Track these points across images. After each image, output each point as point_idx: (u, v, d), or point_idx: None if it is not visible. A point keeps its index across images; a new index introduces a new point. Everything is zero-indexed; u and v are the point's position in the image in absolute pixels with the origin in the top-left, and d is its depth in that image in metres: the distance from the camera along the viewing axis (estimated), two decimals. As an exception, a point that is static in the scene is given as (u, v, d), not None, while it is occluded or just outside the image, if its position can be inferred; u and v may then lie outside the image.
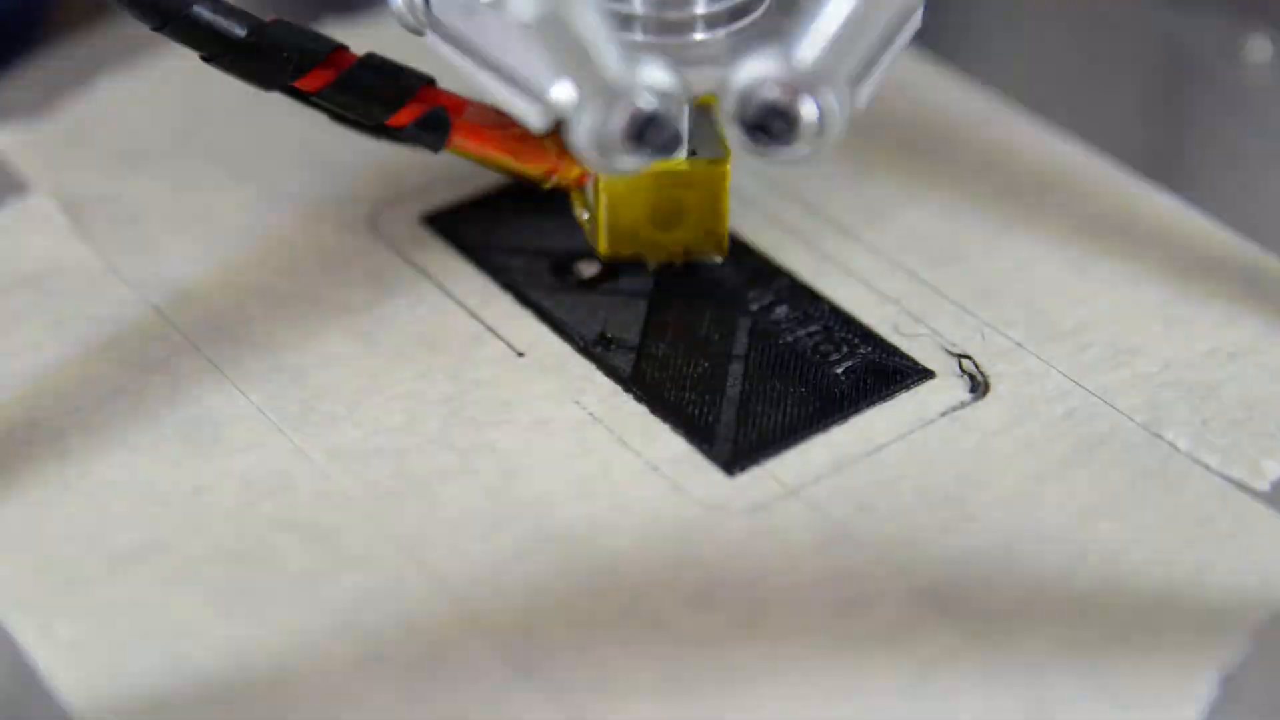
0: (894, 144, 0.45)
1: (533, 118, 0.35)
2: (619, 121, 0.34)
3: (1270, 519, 0.35)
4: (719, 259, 0.40)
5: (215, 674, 0.33)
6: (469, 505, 0.36)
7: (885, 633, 0.34)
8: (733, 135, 0.34)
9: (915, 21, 0.37)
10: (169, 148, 0.45)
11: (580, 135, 0.34)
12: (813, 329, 0.39)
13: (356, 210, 0.43)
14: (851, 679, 0.33)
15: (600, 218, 0.40)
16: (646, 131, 0.34)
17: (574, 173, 0.40)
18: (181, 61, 0.47)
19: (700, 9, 0.37)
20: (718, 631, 0.34)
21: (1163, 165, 0.45)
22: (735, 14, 0.37)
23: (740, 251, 0.41)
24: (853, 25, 0.34)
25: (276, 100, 0.39)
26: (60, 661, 0.33)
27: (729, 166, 0.39)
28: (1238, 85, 0.48)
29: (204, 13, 0.37)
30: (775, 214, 0.42)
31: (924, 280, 0.41)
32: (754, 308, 0.40)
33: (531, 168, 0.40)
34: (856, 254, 0.41)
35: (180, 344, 0.39)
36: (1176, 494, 0.36)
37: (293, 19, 0.38)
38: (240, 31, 0.37)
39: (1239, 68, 0.48)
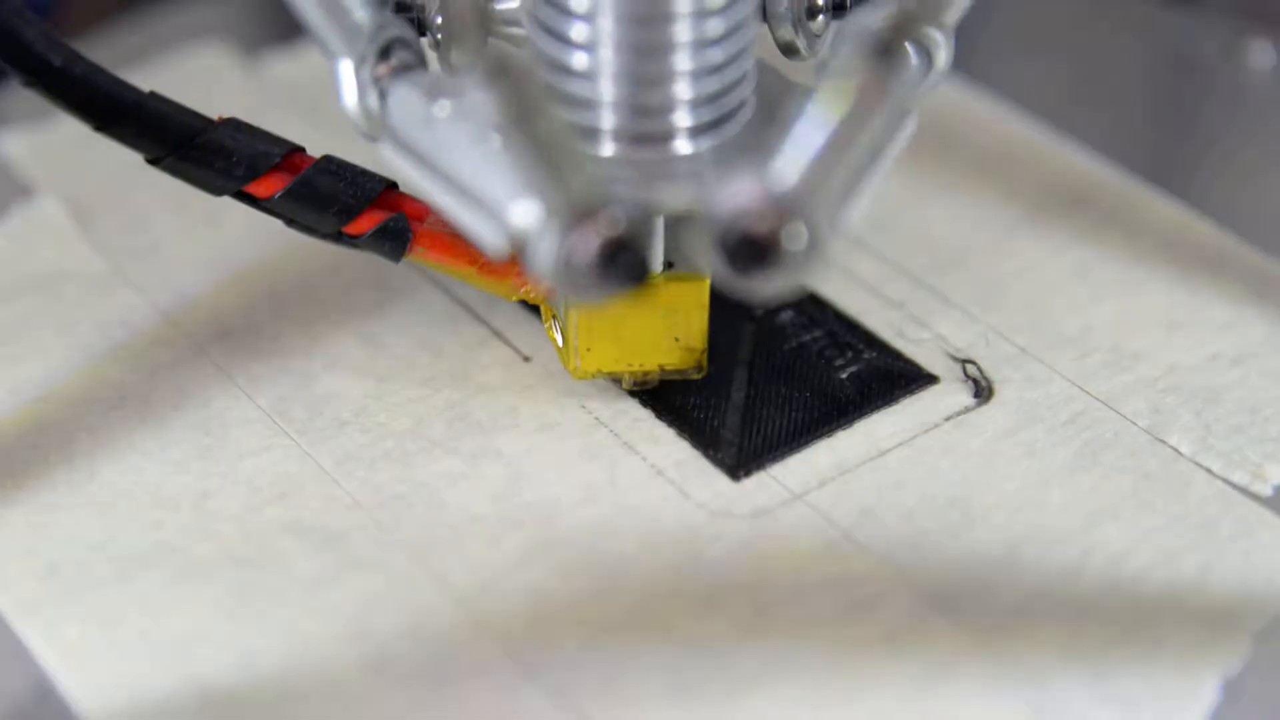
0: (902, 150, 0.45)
1: (491, 239, 0.32)
2: (585, 247, 0.30)
3: (1273, 523, 0.36)
4: (697, 376, 0.38)
5: (223, 678, 0.33)
6: (475, 510, 0.36)
7: (890, 636, 0.34)
8: (711, 258, 0.31)
9: (909, 129, 0.34)
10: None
11: (541, 260, 0.30)
12: (817, 334, 0.40)
13: (363, 215, 0.43)
14: (856, 683, 0.33)
15: (571, 338, 0.37)
16: (615, 257, 0.30)
17: (543, 287, 0.37)
18: (188, 66, 0.48)
19: (678, 120, 0.34)
20: (723, 635, 0.34)
21: (1166, 170, 0.45)
22: (714, 125, 0.34)
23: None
24: (839, 137, 0.31)
25: (283, 104, 0.39)
26: (68, 665, 0.33)
27: (708, 282, 0.36)
28: (1241, 91, 0.48)
29: (150, 112, 0.35)
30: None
31: (928, 285, 0.41)
32: (758, 313, 0.40)
33: (497, 281, 0.37)
34: (861, 259, 0.41)
35: (188, 348, 0.39)
36: (1180, 498, 0.36)
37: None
38: (188, 133, 0.35)
39: (1242, 73, 0.48)
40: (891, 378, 0.39)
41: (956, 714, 0.32)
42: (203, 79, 0.47)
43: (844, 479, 0.36)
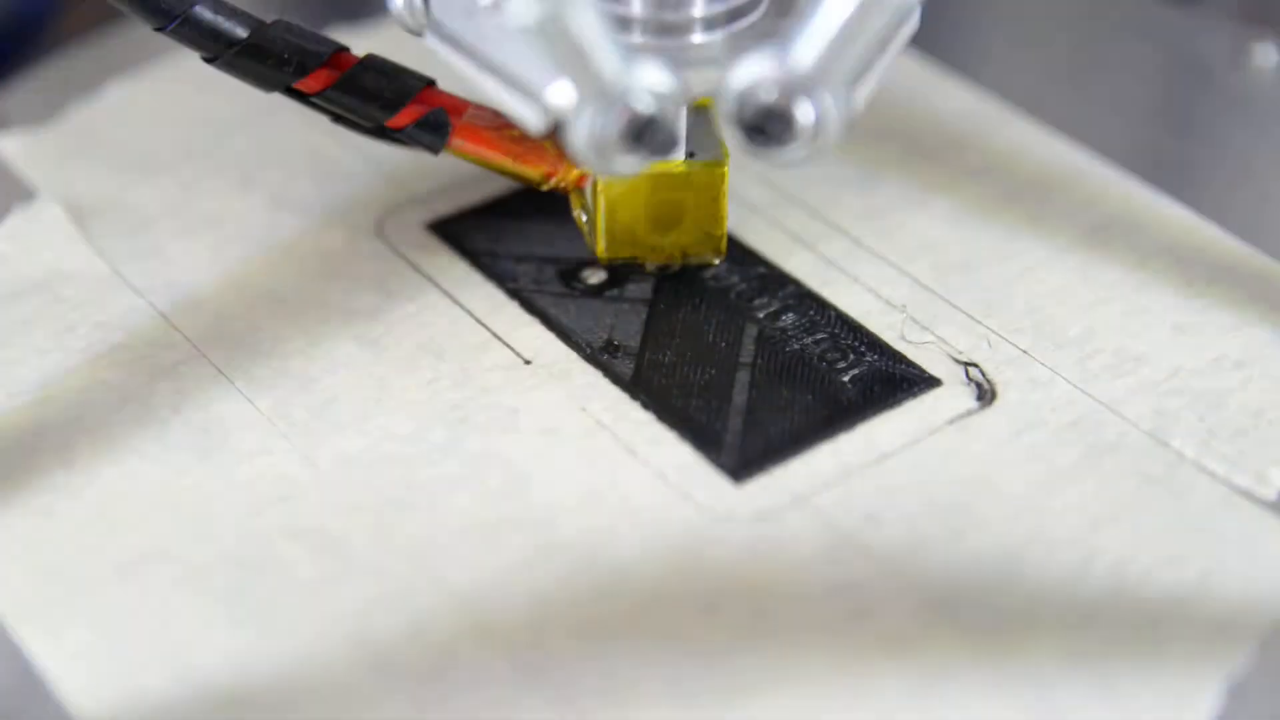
0: (900, 151, 0.45)
1: (531, 119, 0.35)
2: (616, 123, 0.34)
3: (1276, 527, 0.35)
4: (716, 261, 0.41)
5: (222, 682, 0.33)
6: (476, 513, 0.36)
7: (892, 640, 0.34)
8: (730, 136, 0.34)
9: (912, 24, 0.37)
10: (177, 154, 0.45)
11: (578, 136, 0.34)
12: (819, 336, 0.39)
13: (364, 217, 0.43)
14: (859, 686, 0.33)
15: (598, 220, 0.40)
16: (644, 133, 0.34)
17: (573, 175, 0.40)
18: (189, 68, 0.47)
19: (698, 11, 0.37)
20: (725, 639, 0.34)
21: (1169, 172, 0.45)
22: (733, 16, 0.37)
23: (747, 258, 0.41)
24: (849, 27, 0.34)
25: (284, 107, 0.39)
26: (67, 669, 0.33)
27: (727, 169, 0.39)
28: (1245, 92, 0.48)
29: (205, 13, 0.37)
30: (782, 221, 0.42)
31: (930, 288, 0.41)
32: (760, 315, 0.40)
33: (531, 169, 0.40)
34: (863, 261, 0.41)
35: (188, 350, 0.39)
36: (1183, 502, 0.36)
37: (297, 20, 0.38)
38: (241, 32, 0.37)
39: (1245, 74, 0.48)
40: (894, 381, 0.38)
41: (958, 718, 0.32)
42: (203, 80, 0.47)
43: (846, 482, 0.36)
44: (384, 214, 0.43)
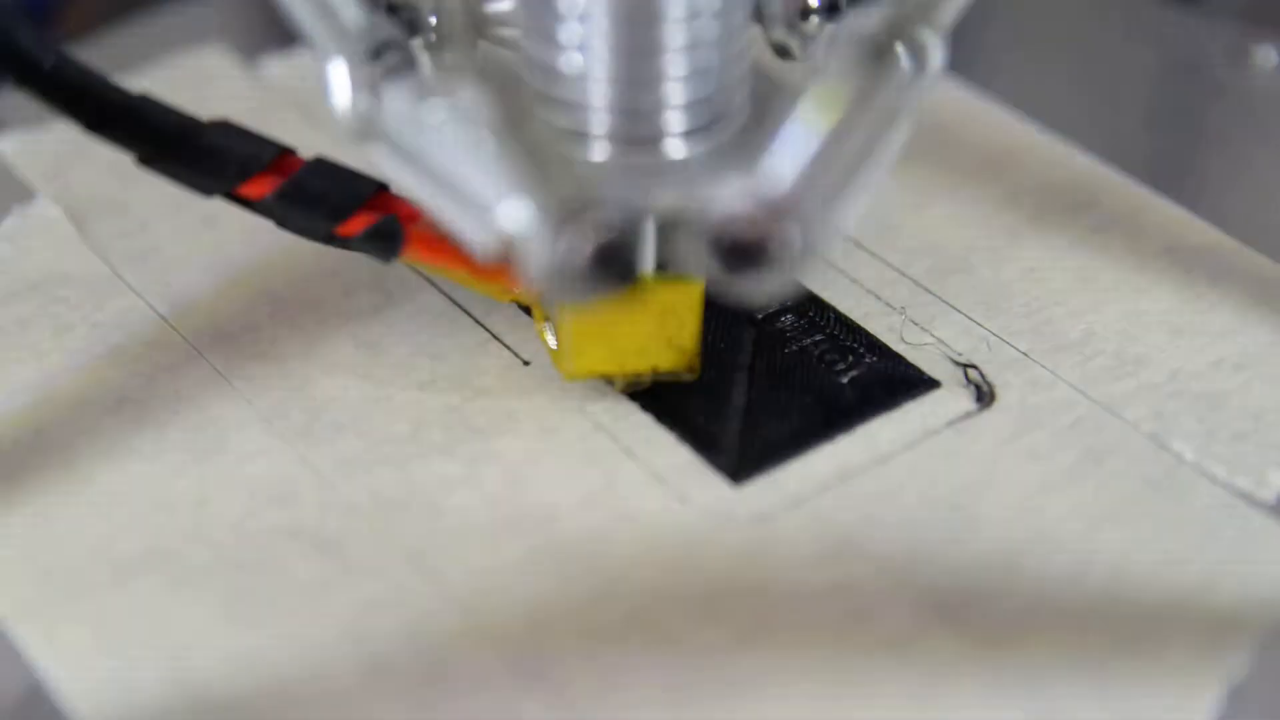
0: (900, 152, 0.45)
1: (480, 240, 0.32)
2: (575, 248, 0.30)
3: (1276, 530, 0.35)
4: (689, 378, 0.37)
5: (221, 684, 0.33)
6: (474, 515, 0.36)
7: (891, 642, 0.34)
8: (704, 260, 0.31)
9: (904, 132, 0.33)
10: (175, 155, 0.45)
11: (531, 262, 0.31)
12: (818, 338, 0.39)
13: (362, 218, 0.43)
14: (858, 689, 0.33)
15: (563, 342, 0.37)
16: (606, 260, 0.30)
17: (535, 291, 0.36)
18: (188, 68, 0.48)
19: (669, 123, 0.34)
20: (723, 641, 0.34)
21: (1169, 174, 0.45)
22: (708, 128, 0.34)
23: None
24: (831, 142, 0.31)
25: (281, 107, 0.39)
26: (65, 670, 0.33)
27: (701, 285, 0.36)
28: (1245, 94, 0.48)
29: (141, 113, 0.35)
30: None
31: (930, 289, 0.41)
32: (759, 316, 0.40)
33: (490, 284, 0.37)
34: (862, 262, 0.41)
35: (186, 352, 0.39)
36: (1183, 504, 0.36)
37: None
38: (178, 133, 0.35)
39: (1246, 76, 0.48)
40: (893, 382, 0.38)
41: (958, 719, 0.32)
42: (201, 82, 0.47)
43: (845, 484, 0.36)
44: (383, 215, 0.43)
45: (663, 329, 0.37)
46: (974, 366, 0.39)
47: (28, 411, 0.38)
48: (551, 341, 0.38)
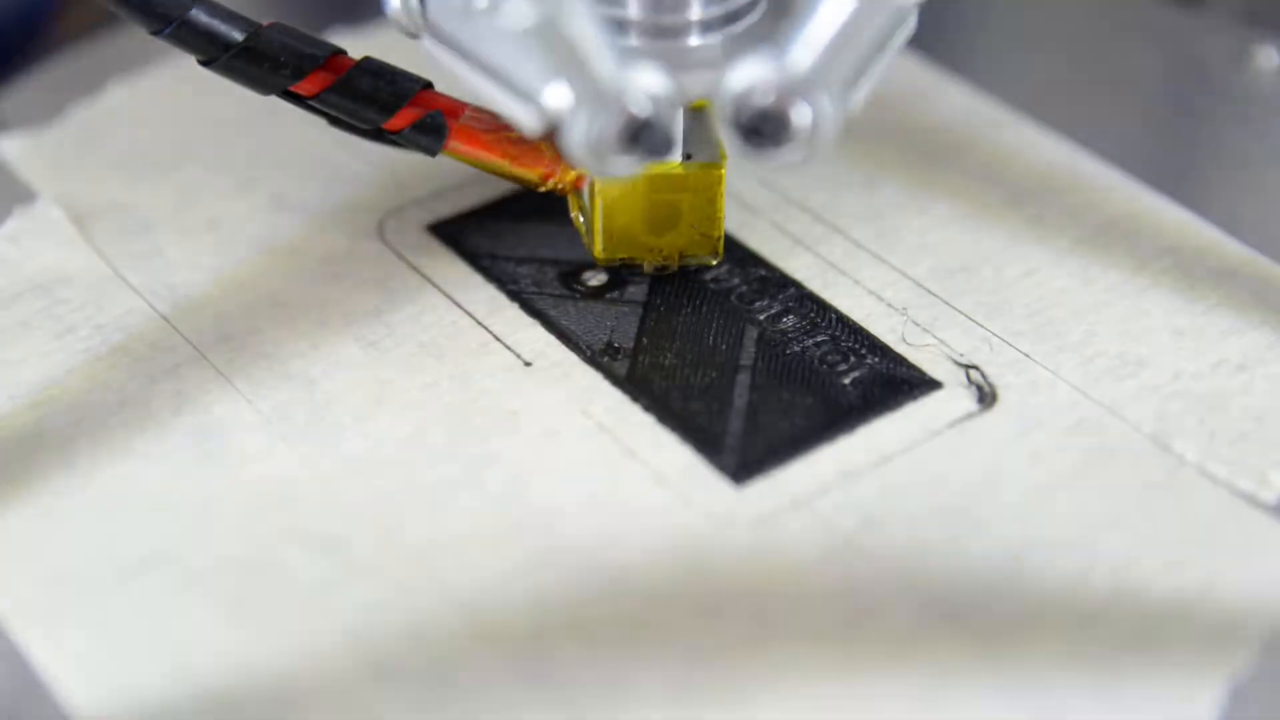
0: (902, 153, 0.45)
1: (527, 121, 0.35)
2: (612, 125, 0.34)
3: (1278, 530, 0.35)
4: (714, 261, 0.41)
5: (223, 685, 0.33)
6: (477, 516, 0.36)
7: (894, 644, 0.34)
8: (728, 139, 0.34)
9: (909, 26, 0.37)
10: (177, 155, 0.45)
11: (574, 139, 0.34)
12: (820, 339, 0.39)
13: (364, 219, 0.43)
14: (860, 690, 0.33)
15: (596, 222, 0.40)
16: (640, 135, 0.34)
17: (570, 176, 0.40)
18: (190, 69, 0.47)
19: (695, 14, 0.37)
20: (726, 642, 0.34)
21: (1170, 174, 0.45)
22: (730, 19, 0.37)
23: (748, 261, 0.41)
24: (846, 30, 0.34)
25: (285, 109, 0.39)
26: (68, 672, 0.33)
27: (724, 170, 0.40)
28: (1247, 95, 0.48)
29: (202, 17, 0.37)
30: (783, 223, 0.42)
31: (931, 290, 0.41)
32: (761, 317, 0.40)
33: (528, 171, 0.40)
34: (864, 264, 0.41)
35: (188, 353, 0.39)
36: (1184, 505, 0.36)
37: (297, 22, 0.38)
38: (238, 35, 0.37)
39: (1247, 77, 0.48)
40: (895, 383, 0.38)
41: (960, 722, 0.32)
42: (204, 81, 0.47)
43: (847, 485, 0.36)
44: (385, 216, 0.43)
45: (688, 213, 0.40)
46: (976, 367, 0.39)
47: (30, 412, 0.38)
48: (584, 225, 0.41)
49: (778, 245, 0.42)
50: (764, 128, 0.34)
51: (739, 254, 0.42)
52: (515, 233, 0.42)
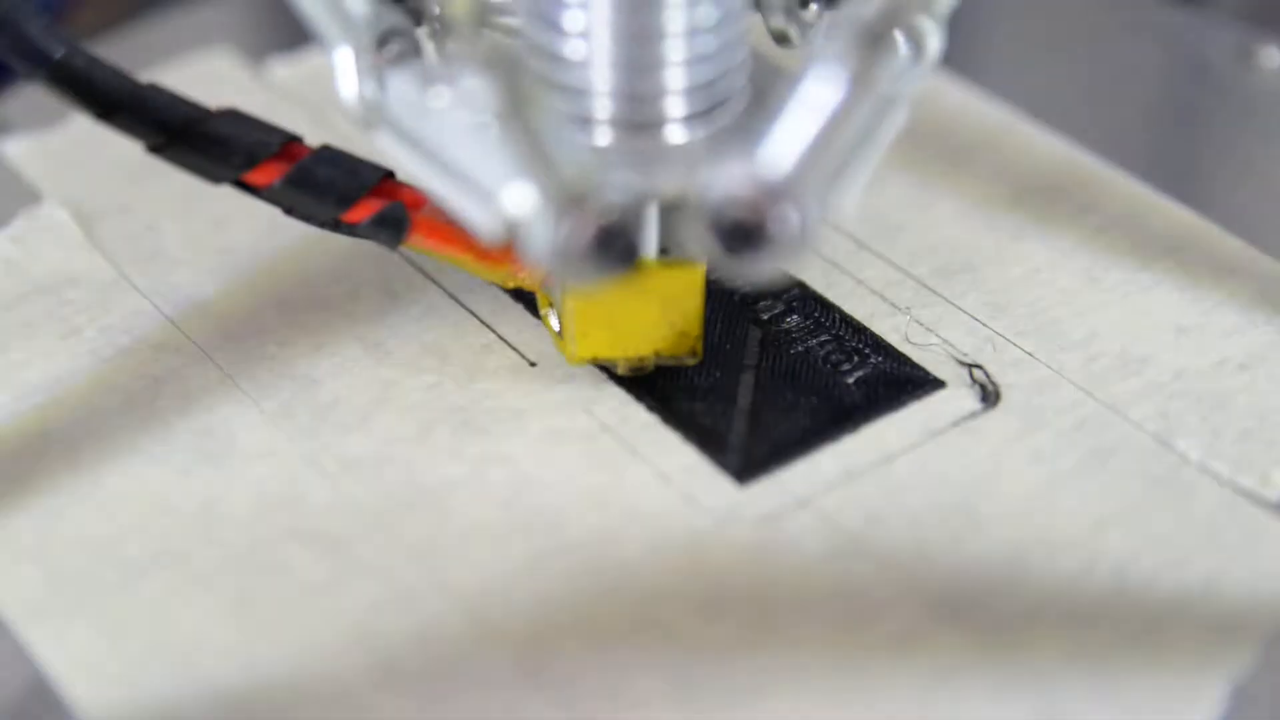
0: (905, 153, 0.45)
1: (485, 225, 0.32)
2: (577, 232, 0.31)
3: (1281, 529, 0.36)
4: (692, 362, 0.38)
5: (227, 684, 0.33)
6: (481, 515, 0.36)
7: (896, 642, 0.34)
8: (704, 242, 0.32)
9: (901, 115, 0.33)
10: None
11: (534, 245, 0.31)
12: (824, 338, 0.40)
13: (368, 220, 0.43)
14: (862, 689, 0.33)
15: (567, 326, 0.38)
16: (607, 243, 0.31)
17: (539, 274, 0.38)
18: (194, 71, 0.48)
19: (670, 109, 0.35)
20: (729, 641, 0.34)
21: (1174, 174, 0.45)
22: (707, 112, 0.35)
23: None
24: (830, 125, 0.32)
25: (289, 110, 0.39)
26: (73, 671, 0.33)
27: (703, 270, 0.37)
28: (1249, 94, 0.48)
29: (150, 101, 0.36)
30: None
31: (934, 290, 0.41)
32: (765, 317, 0.40)
33: (494, 269, 0.38)
34: (867, 263, 0.41)
35: (193, 354, 0.39)
36: (1187, 504, 0.36)
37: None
38: (187, 122, 0.36)
39: (1250, 76, 0.48)
40: (898, 383, 0.38)
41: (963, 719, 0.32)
42: (208, 84, 0.47)
43: (850, 484, 0.36)
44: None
45: (665, 313, 0.37)
46: (979, 366, 0.39)
47: (35, 413, 0.38)
48: (556, 326, 0.38)
49: (781, 245, 0.42)
50: (743, 236, 0.31)
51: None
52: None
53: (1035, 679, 0.33)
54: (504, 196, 0.32)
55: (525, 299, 0.40)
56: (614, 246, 0.31)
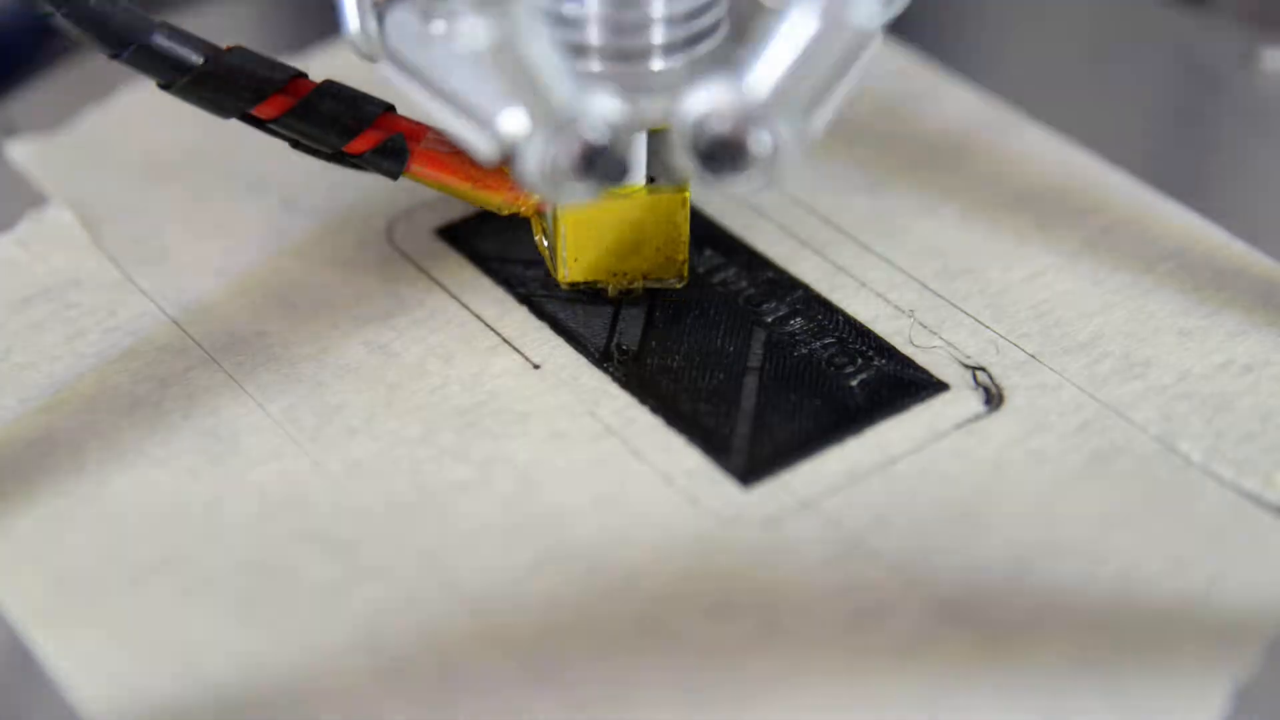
0: (908, 156, 0.45)
1: (482, 147, 0.34)
2: (567, 151, 0.33)
3: (1284, 531, 0.36)
4: (678, 285, 0.40)
5: (233, 686, 0.33)
6: (485, 517, 0.36)
7: (900, 644, 0.34)
8: (687, 164, 0.34)
9: (873, 48, 0.35)
10: (187, 159, 0.45)
11: (528, 165, 0.33)
12: (827, 341, 0.40)
13: (373, 223, 0.43)
14: (867, 691, 0.33)
15: (559, 247, 0.40)
16: (595, 162, 0.33)
17: (534, 200, 0.40)
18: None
19: (654, 38, 0.37)
20: (733, 643, 0.34)
21: (1177, 177, 0.45)
22: (691, 42, 0.37)
23: (755, 263, 0.41)
24: (806, 54, 0.33)
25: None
26: (79, 673, 0.33)
27: (688, 194, 0.39)
28: (1252, 95, 0.48)
29: (161, 41, 0.37)
30: (790, 226, 0.43)
31: (938, 292, 0.41)
32: (769, 319, 0.40)
33: (490, 195, 0.39)
34: (871, 266, 0.41)
35: (198, 356, 0.39)
36: (1190, 506, 0.36)
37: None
38: (197, 59, 0.37)
39: (1254, 78, 0.48)
40: (902, 385, 0.39)
41: (967, 722, 0.33)
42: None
43: (854, 487, 0.36)
44: (394, 219, 0.43)
45: (653, 236, 0.39)
46: (982, 369, 0.39)
47: (41, 415, 0.38)
48: (548, 249, 0.40)
49: (785, 247, 0.42)
50: (722, 154, 0.33)
51: (746, 256, 0.42)
52: (523, 236, 0.42)
53: (1039, 680, 0.33)
54: (499, 121, 0.33)
55: (529, 302, 0.40)
56: (602, 164, 0.33)
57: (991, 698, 0.33)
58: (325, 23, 0.47)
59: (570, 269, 0.40)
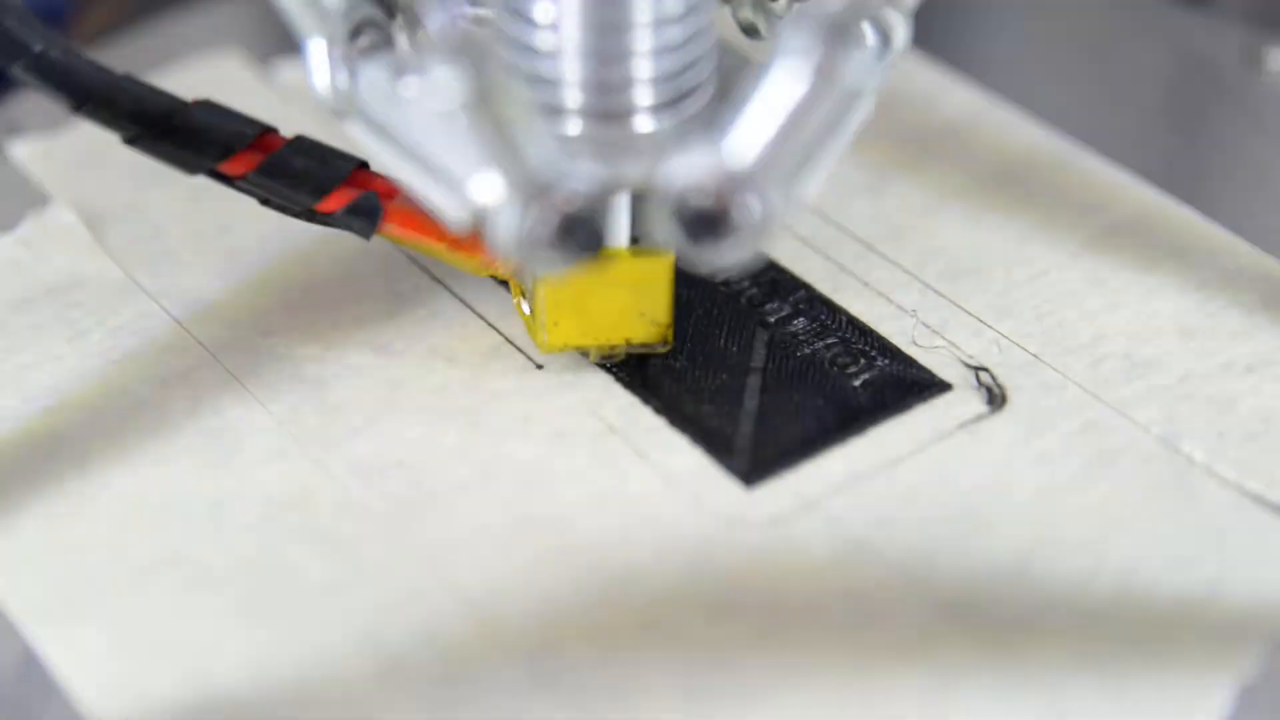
0: (910, 155, 0.45)
1: (453, 213, 0.33)
2: (542, 221, 0.32)
3: (1287, 531, 0.36)
4: (663, 350, 0.39)
5: (236, 686, 0.33)
6: (488, 518, 0.36)
7: (903, 645, 0.34)
8: (669, 230, 0.32)
9: (866, 108, 0.33)
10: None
11: (501, 234, 0.32)
12: (830, 341, 0.40)
13: (376, 222, 0.43)
14: (869, 691, 0.33)
15: (539, 312, 0.38)
16: (573, 231, 0.32)
17: (510, 264, 0.37)
18: (200, 74, 0.48)
19: (637, 99, 0.35)
20: (736, 643, 0.34)
21: (1179, 176, 0.45)
22: (674, 101, 0.35)
23: (758, 264, 0.41)
24: (795, 116, 0.32)
25: (295, 113, 0.39)
26: (81, 673, 0.33)
27: (673, 259, 0.37)
28: (1256, 95, 0.48)
29: (125, 93, 0.36)
30: (792, 226, 0.43)
31: (941, 292, 0.41)
32: (772, 320, 0.40)
33: (466, 257, 0.38)
34: (874, 266, 0.41)
35: (201, 356, 0.39)
36: (1193, 506, 0.36)
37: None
38: (163, 113, 0.36)
39: (1258, 78, 0.48)
40: (904, 385, 0.39)
41: (969, 723, 0.33)
42: (217, 85, 0.47)
43: (857, 487, 0.36)
44: (396, 219, 0.43)
45: (636, 302, 0.38)
46: (985, 369, 0.39)
47: (44, 416, 0.38)
48: (528, 313, 0.39)
49: (787, 247, 0.42)
50: (706, 224, 0.32)
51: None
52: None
53: (1042, 681, 0.33)
54: (471, 186, 0.32)
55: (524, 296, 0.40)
56: (578, 235, 0.32)
57: (994, 697, 0.33)
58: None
59: (550, 334, 0.38)
